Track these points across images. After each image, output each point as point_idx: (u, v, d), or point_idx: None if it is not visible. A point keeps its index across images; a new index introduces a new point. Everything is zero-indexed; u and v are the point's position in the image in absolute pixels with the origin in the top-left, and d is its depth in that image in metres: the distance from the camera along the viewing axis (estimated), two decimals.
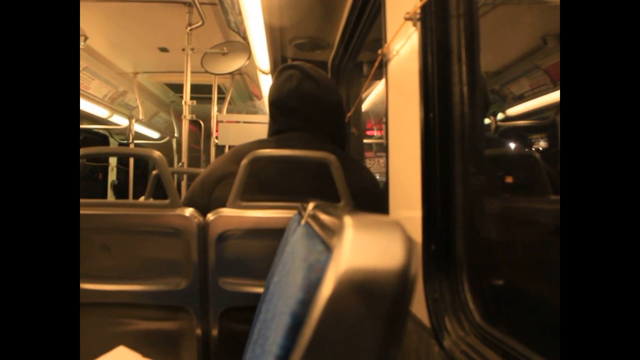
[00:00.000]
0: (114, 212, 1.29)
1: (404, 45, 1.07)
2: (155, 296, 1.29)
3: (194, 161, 4.41)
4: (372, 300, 0.31)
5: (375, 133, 3.71)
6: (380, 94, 3.22)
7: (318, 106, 1.50)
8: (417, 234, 0.94)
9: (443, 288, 0.90)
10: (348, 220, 0.34)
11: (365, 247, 0.32)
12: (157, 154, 1.30)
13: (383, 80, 1.25)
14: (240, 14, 2.28)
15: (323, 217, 0.53)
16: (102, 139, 5.54)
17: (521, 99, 2.96)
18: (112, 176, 5.73)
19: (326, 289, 0.30)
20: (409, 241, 0.33)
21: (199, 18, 2.87)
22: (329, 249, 0.38)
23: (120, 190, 5.69)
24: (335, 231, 0.39)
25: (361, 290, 0.30)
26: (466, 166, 0.91)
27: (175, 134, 6.26)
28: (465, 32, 0.92)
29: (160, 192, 1.42)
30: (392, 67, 1.19)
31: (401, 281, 0.31)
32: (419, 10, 0.95)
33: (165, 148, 6.64)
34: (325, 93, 1.50)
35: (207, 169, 1.52)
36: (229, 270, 1.29)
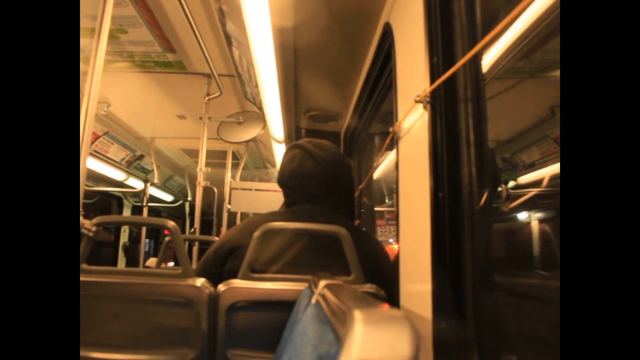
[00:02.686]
0: (125, 280, 1.30)
1: (414, 125, 1.11)
2: None
3: (206, 225, 4.43)
4: None
5: None
6: (392, 162, 3.27)
7: (318, 184, 1.55)
8: (427, 310, 0.94)
9: None
10: (358, 314, 0.36)
11: (374, 343, 0.33)
12: (171, 224, 1.32)
13: (394, 152, 1.29)
14: (256, 86, 2.37)
15: (333, 301, 0.54)
16: (116, 200, 5.62)
17: (532, 167, 2.98)
18: (124, 238, 5.76)
19: None
20: (416, 336, 0.34)
21: (217, 89, 2.98)
22: (338, 340, 0.40)
23: (131, 251, 5.71)
24: (344, 321, 0.40)
25: None
26: (476, 244, 0.92)
27: (189, 198, 6.33)
28: (473, 115, 0.96)
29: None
30: (402, 144, 1.22)
31: None
32: (428, 94, 1.00)
33: (178, 211, 6.70)
34: (326, 171, 1.55)
35: (219, 240, 1.54)
36: (239, 341, 1.27)
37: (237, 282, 1.28)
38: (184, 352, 1.27)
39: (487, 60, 1.69)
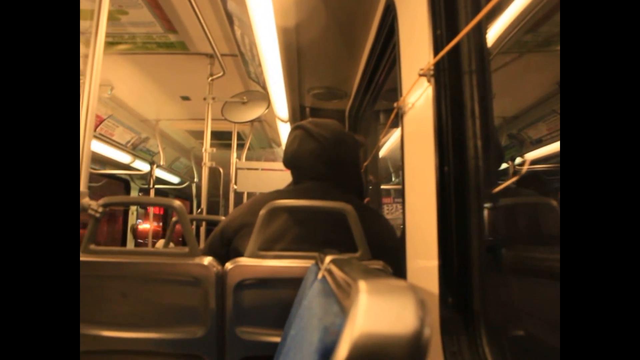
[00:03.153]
0: (133, 260, 1.31)
1: (418, 99, 1.10)
2: (172, 344, 1.29)
3: (213, 206, 4.45)
4: None
5: None
6: (397, 140, 3.25)
7: (320, 162, 1.55)
8: (434, 285, 0.94)
9: (461, 341, 0.89)
10: (362, 284, 0.36)
11: (379, 313, 0.33)
12: (177, 203, 1.32)
13: (399, 129, 1.28)
14: (260, 65, 2.36)
15: (339, 274, 0.54)
16: (123, 183, 5.64)
17: (538, 143, 2.96)
18: (132, 220, 5.80)
19: (341, 355, 0.31)
20: (422, 306, 0.34)
21: (220, 69, 2.96)
22: (344, 312, 0.40)
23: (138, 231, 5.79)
24: (350, 293, 0.40)
25: (374, 356, 0.31)
26: (481, 219, 0.92)
27: (195, 179, 6.34)
28: (478, 87, 0.95)
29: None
30: (407, 119, 1.21)
31: (414, 347, 0.32)
32: (432, 67, 0.99)
33: (185, 193, 6.72)
34: (328, 149, 1.54)
35: (226, 219, 1.55)
36: (247, 319, 1.29)
37: (244, 260, 1.29)
38: (193, 330, 1.29)
39: (493, 34, 1.67)
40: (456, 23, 0.99)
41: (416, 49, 1.14)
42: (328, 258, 0.77)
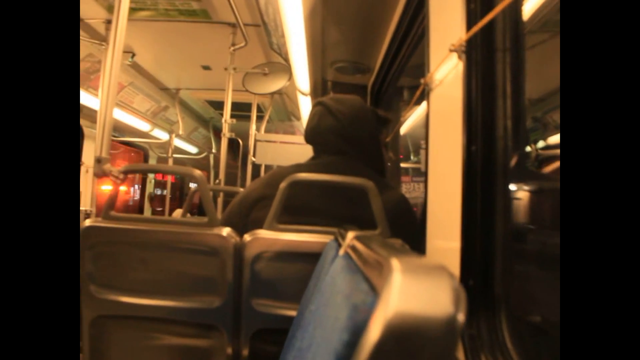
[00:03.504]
0: (153, 228, 1.32)
1: (447, 76, 1.07)
2: (189, 313, 1.30)
3: (230, 178, 4.47)
4: (419, 347, 0.30)
5: None
6: (419, 117, 3.21)
7: (338, 138, 1.55)
8: (454, 267, 0.93)
9: (480, 325, 0.88)
10: (396, 263, 0.34)
11: (414, 293, 0.32)
12: (198, 173, 1.32)
13: (423, 105, 1.26)
14: (282, 36, 2.33)
15: (365, 251, 0.53)
16: (142, 151, 5.68)
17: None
18: (149, 188, 5.86)
19: (374, 334, 0.30)
20: (457, 288, 0.33)
21: (242, 39, 2.94)
22: (374, 290, 0.38)
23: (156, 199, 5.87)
24: (380, 271, 0.39)
25: (409, 337, 0.30)
26: (509, 200, 0.90)
27: (213, 150, 6.36)
28: (510, 66, 0.92)
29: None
30: (434, 96, 1.18)
31: (449, 329, 0.31)
32: (464, 43, 0.95)
33: (202, 163, 6.76)
34: (346, 127, 1.54)
35: (245, 191, 1.55)
36: (263, 291, 1.29)
37: (262, 233, 1.28)
38: (209, 300, 1.30)
39: (527, 11, 1.61)
40: None
41: (447, 23, 1.10)
42: (350, 234, 0.76)
